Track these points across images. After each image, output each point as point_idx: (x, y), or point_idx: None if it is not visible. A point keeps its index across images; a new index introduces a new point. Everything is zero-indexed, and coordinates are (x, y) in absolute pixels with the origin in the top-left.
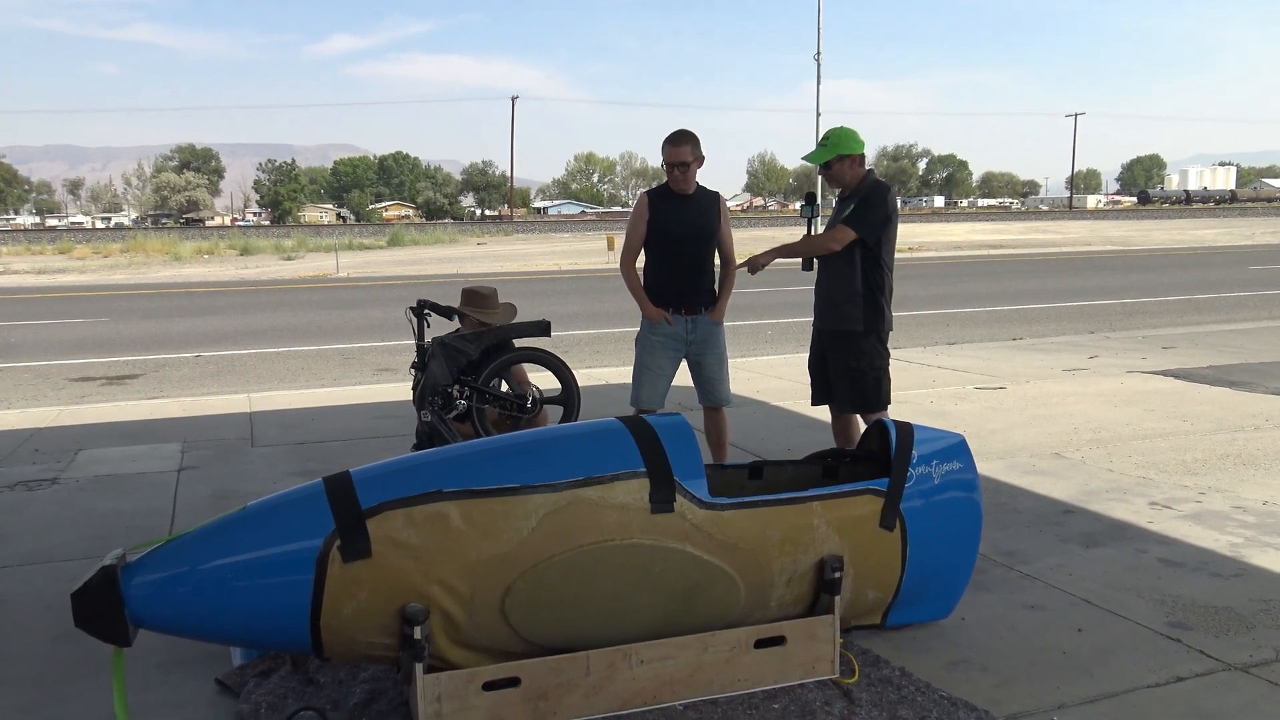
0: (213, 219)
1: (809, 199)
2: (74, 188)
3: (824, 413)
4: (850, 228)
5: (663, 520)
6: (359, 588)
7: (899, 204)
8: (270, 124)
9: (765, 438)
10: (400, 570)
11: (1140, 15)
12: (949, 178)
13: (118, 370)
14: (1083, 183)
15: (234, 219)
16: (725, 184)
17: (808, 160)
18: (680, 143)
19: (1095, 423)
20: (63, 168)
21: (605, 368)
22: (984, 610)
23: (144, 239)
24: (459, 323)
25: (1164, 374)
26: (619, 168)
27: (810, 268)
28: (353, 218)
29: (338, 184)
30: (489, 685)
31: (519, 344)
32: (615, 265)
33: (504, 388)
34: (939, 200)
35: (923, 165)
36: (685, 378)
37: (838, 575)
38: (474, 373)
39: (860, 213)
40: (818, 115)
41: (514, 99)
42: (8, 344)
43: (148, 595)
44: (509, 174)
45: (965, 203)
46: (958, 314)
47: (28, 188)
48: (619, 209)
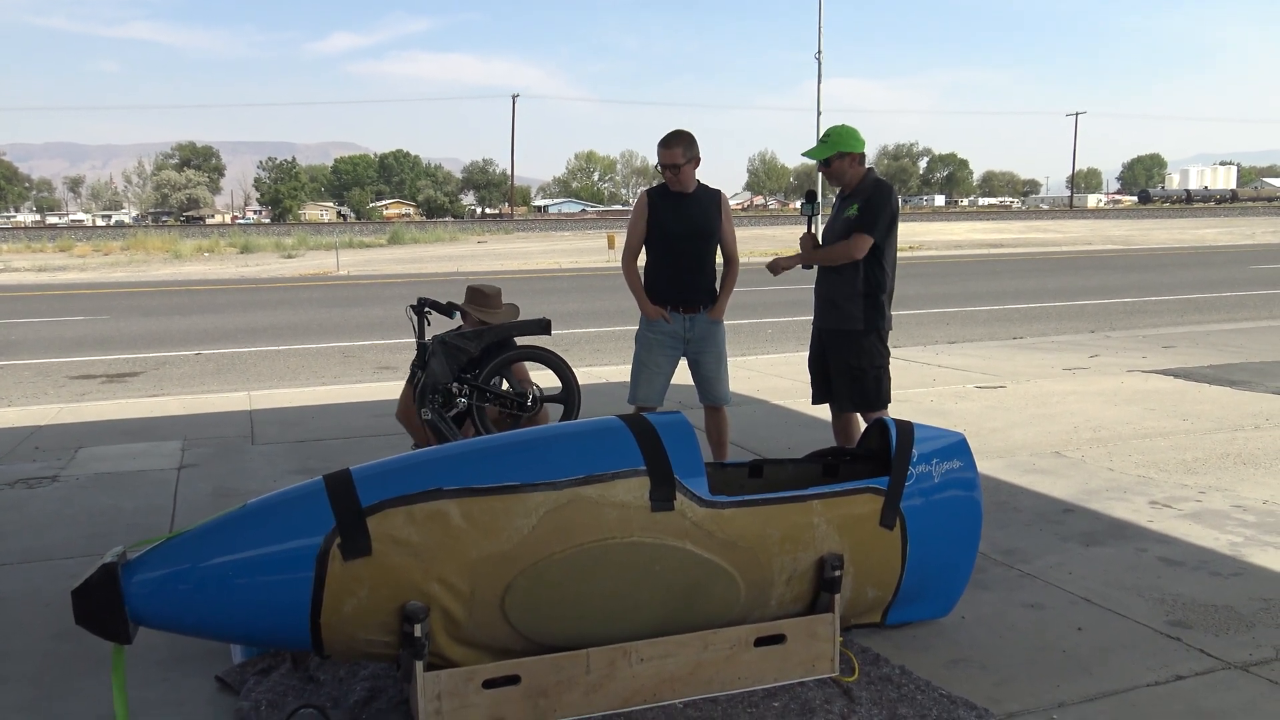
0: (213, 217)
1: (809, 197)
2: (74, 185)
3: (824, 411)
4: (866, 234)
5: (663, 518)
6: (359, 585)
7: (899, 203)
8: (271, 122)
9: (765, 436)
10: (400, 568)
11: (1141, 15)
12: (949, 177)
13: (118, 368)
14: (1083, 182)
15: (234, 217)
16: (726, 183)
17: (807, 156)
18: (672, 144)
19: (1095, 422)
20: (63, 165)
21: (605, 366)
22: (984, 609)
23: (144, 237)
24: (460, 320)
25: (1164, 373)
26: (619, 166)
27: (810, 266)
28: (353, 216)
29: (338, 182)
30: (489, 683)
31: (519, 342)
32: (615, 264)
33: (504, 386)
34: (939, 199)
35: (923, 164)
36: (686, 376)
37: (838, 573)
38: (474, 371)
39: (870, 216)
40: (818, 114)
41: (514, 97)
42: (8, 341)
43: (148, 593)
44: (509, 172)
45: (966, 202)
46: (958, 313)
47: (28, 185)
48: (619, 207)
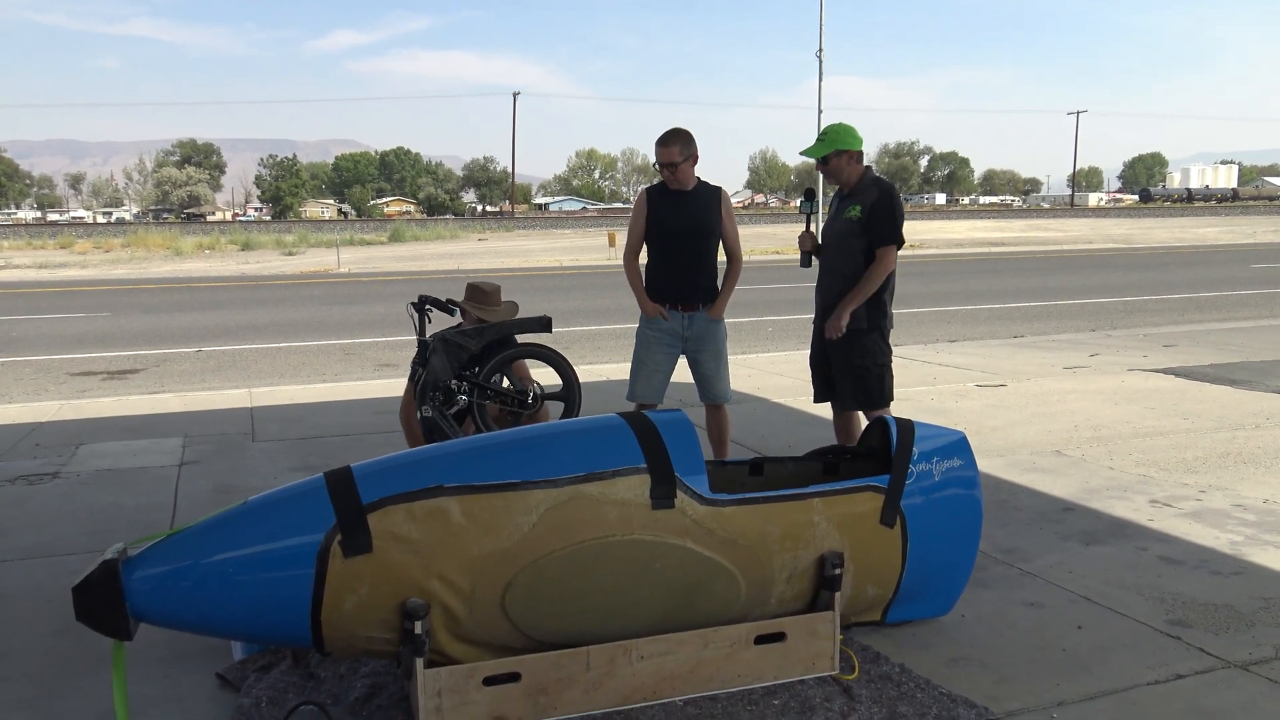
0: (214, 214)
1: (808, 195)
2: (75, 182)
3: (825, 410)
4: (891, 244)
5: (663, 516)
6: (360, 582)
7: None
8: (272, 119)
9: (766, 434)
10: (401, 565)
11: (1142, 13)
12: (950, 175)
13: (119, 365)
14: (1084, 180)
15: (235, 214)
16: (727, 181)
17: (805, 155)
18: (669, 143)
19: (1096, 420)
20: (64, 162)
21: (606, 364)
22: (984, 607)
23: (145, 234)
24: (460, 317)
25: (1165, 372)
26: (620, 164)
27: (809, 265)
28: (354, 213)
29: (339, 179)
30: (489, 680)
31: (520, 340)
32: (616, 261)
33: (505, 383)
34: (940, 198)
35: (924, 163)
36: (688, 374)
37: (838, 572)
38: (475, 368)
39: (889, 225)
40: (819, 112)
41: (516, 95)
42: (9, 338)
43: (149, 589)
44: (510, 170)
45: (967, 200)
46: (959, 311)
47: (29, 182)
48: (620, 205)
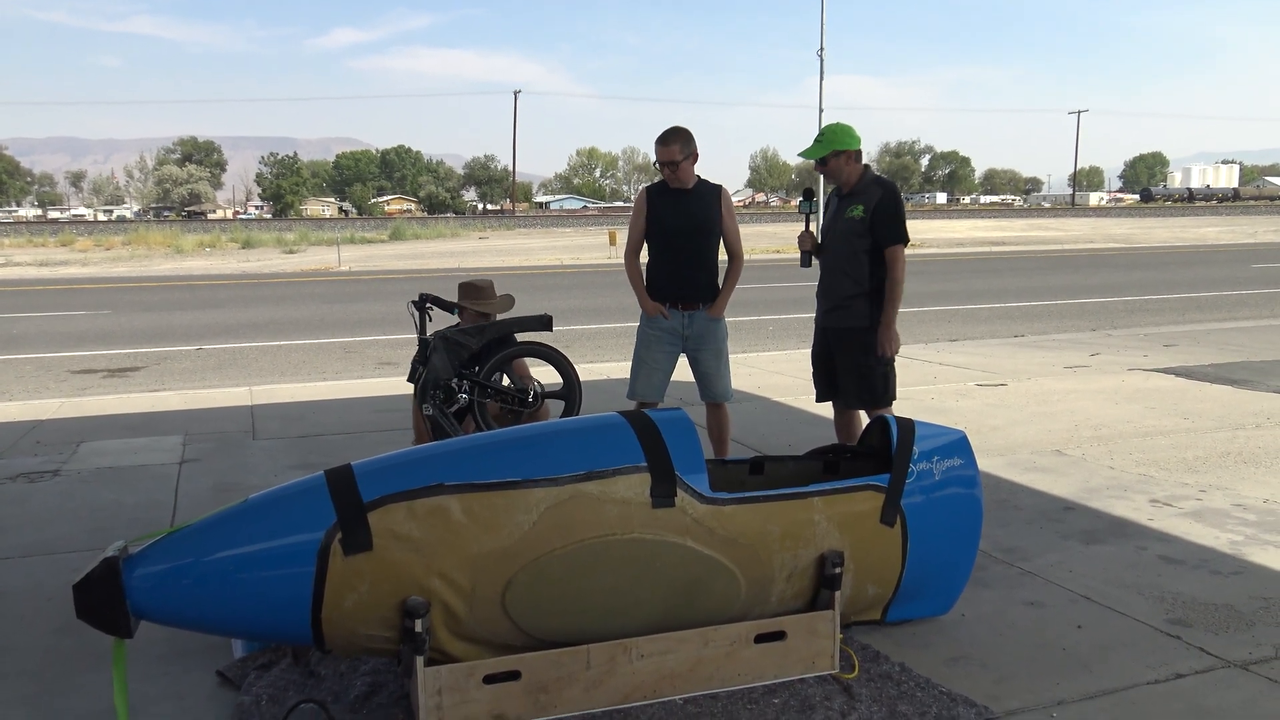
0: (214, 212)
1: (807, 194)
2: (76, 180)
3: (825, 409)
4: (898, 243)
5: (664, 515)
6: (360, 580)
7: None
8: (272, 117)
9: (766, 433)
10: (401, 563)
11: (1143, 13)
12: (951, 174)
13: (119, 363)
14: (1085, 180)
15: (236, 212)
16: (728, 180)
17: (803, 157)
18: (669, 141)
19: (1096, 420)
20: (65, 160)
21: (606, 362)
22: (984, 606)
23: (146, 231)
24: (459, 316)
25: (1165, 372)
26: (621, 163)
27: (809, 264)
28: (355, 211)
29: (340, 177)
30: (489, 678)
31: (520, 338)
32: (617, 260)
33: (506, 382)
34: (941, 197)
35: (925, 162)
36: (689, 372)
37: (838, 571)
38: (476, 367)
39: (894, 225)
40: (820, 111)
41: (516, 93)
42: (10, 336)
43: (149, 587)
44: (511, 168)
45: (968, 199)
46: (959, 310)
47: (30, 180)
48: (621, 204)
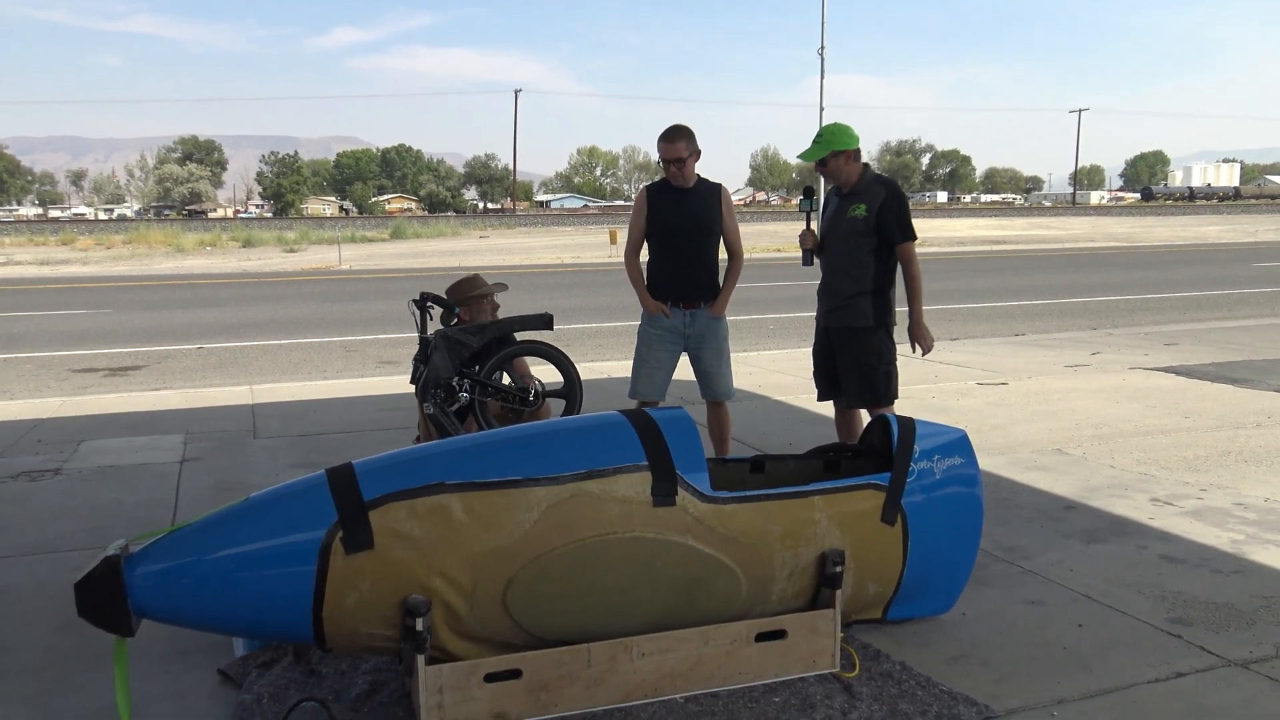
0: (215, 211)
1: (807, 193)
2: (77, 179)
3: (826, 408)
4: (908, 240)
5: (665, 514)
6: (361, 579)
7: None
8: (273, 116)
9: (767, 432)
10: (402, 562)
11: (1144, 12)
12: (952, 173)
13: (120, 361)
14: (1086, 179)
15: (236, 211)
16: (728, 179)
17: (802, 158)
18: (674, 139)
19: (1097, 419)
20: (65, 159)
21: (608, 361)
22: (985, 605)
23: (147, 230)
24: (459, 317)
25: (1166, 370)
26: (622, 162)
27: (811, 263)
28: (355, 210)
29: (340, 176)
30: (491, 677)
31: (521, 337)
32: (617, 259)
33: (506, 380)
34: (942, 196)
35: (926, 161)
36: (690, 371)
37: (839, 569)
38: (476, 365)
39: (902, 223)
40: (821, 110)
41: (517, 92)
42: (11, 335)
43: (151, 585)
44: (512, 167)
45: (968, 198)
46: (960, 309)
47: (30, 178)
48: (621, 203)
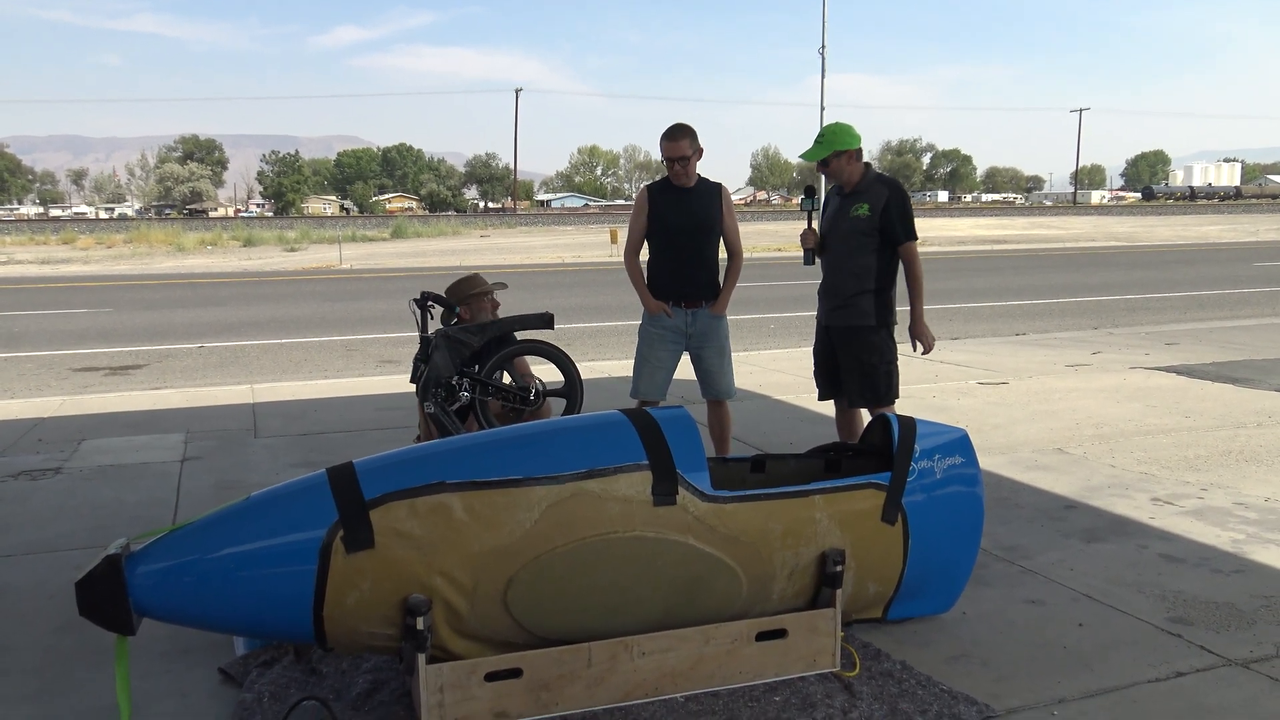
0: (216, 210)
1: (808, 192)
2: (78, 178)
3: (826, 407)
4: (914, 239)
5: (665, 513)
6: (362, 578)
7: None
8: (274, 115)
9: (768, 431)
10: (403, 561)
11: (1145, 11)
12: (953, 173)
13: (121, 361)
14: (1087, 178)
15: (237, 210)
16: (729, 178)
17: (804, 158)
18: (678, 137)
19: (1098, 418)
20: (66, 158)
21: (608, 360)
22: (985, 605)
23: (147, 229)
24: (460, 317)
25: (1167, 370)
26: (622, 161)
27: (812, 262)
28: (356, 210)
29: (341, 175)
30: (491, 676)
31: (522, 336)
32: (618, 258)
33: (507, 380)
34: (943, 195)
35: (927, 160)
36: (690, 370)
37: (839, 569)
38: (477, 365)
39: (904, 223)
40: (822, 109)
41: (518, 91)
42: (12, 334)
43: (152, 584)
44: (512, 166)
45: (969, 198)
46: (961, 309)
47: (31, 178)
48: (622, 202)
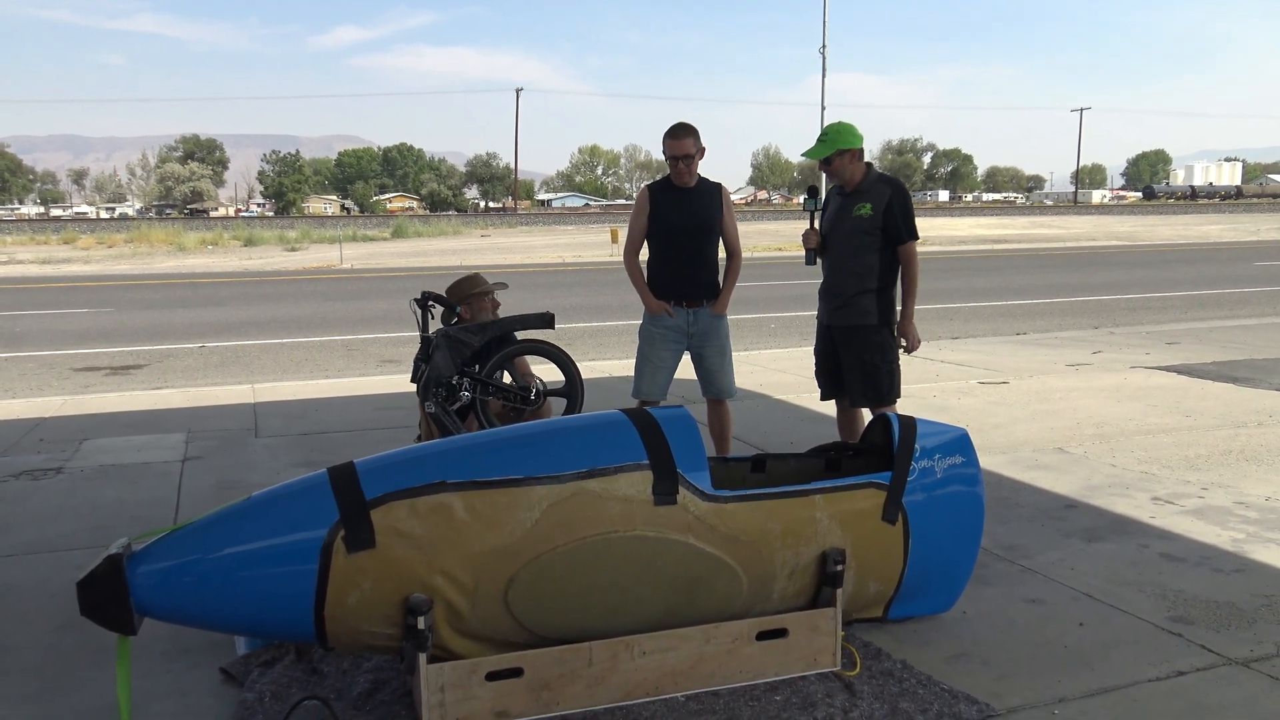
0: (217, 210)
1: (811, 192)
2: (78, 178)
3: (827, 406)
4: (914, 239)
5: (665, 512)
6: (363, 578)
7: None
8: (274, 115)
9: (768, 431)
10: (404, 561)
11: (1146, 10)
12: (954, 172)
13: (122, 360)
14: (1088, 178)
15: (238, 210)
16: (729, 177)
17: (807, 157)
18: (682, 135)
19: (1098, 418)
20: (67, 158)
21: (609, 360)
22: (985, 604)
23: (148, 229)
24: (460, 317)
25: (1167, 369)
26: (623, 160)
27: (815, 262)
28: (357, 209)
29: (342, 175)
30: (492, 675)
31: (522, 336)
32: (618, 258)
33: (507, 379)
34: (943, 195)
35: (927, 159)
36: (689, 370)
37: (840, 568)
38: (477, 364)
39: (905, 223)
40: (822, 109)
41: (518, 91)
42: (13, 334)
43: (153, 584)
44: (513, 166)
45: (970, 197)
46: (961, 308)
47: (32, 177)
48: (623, 201)
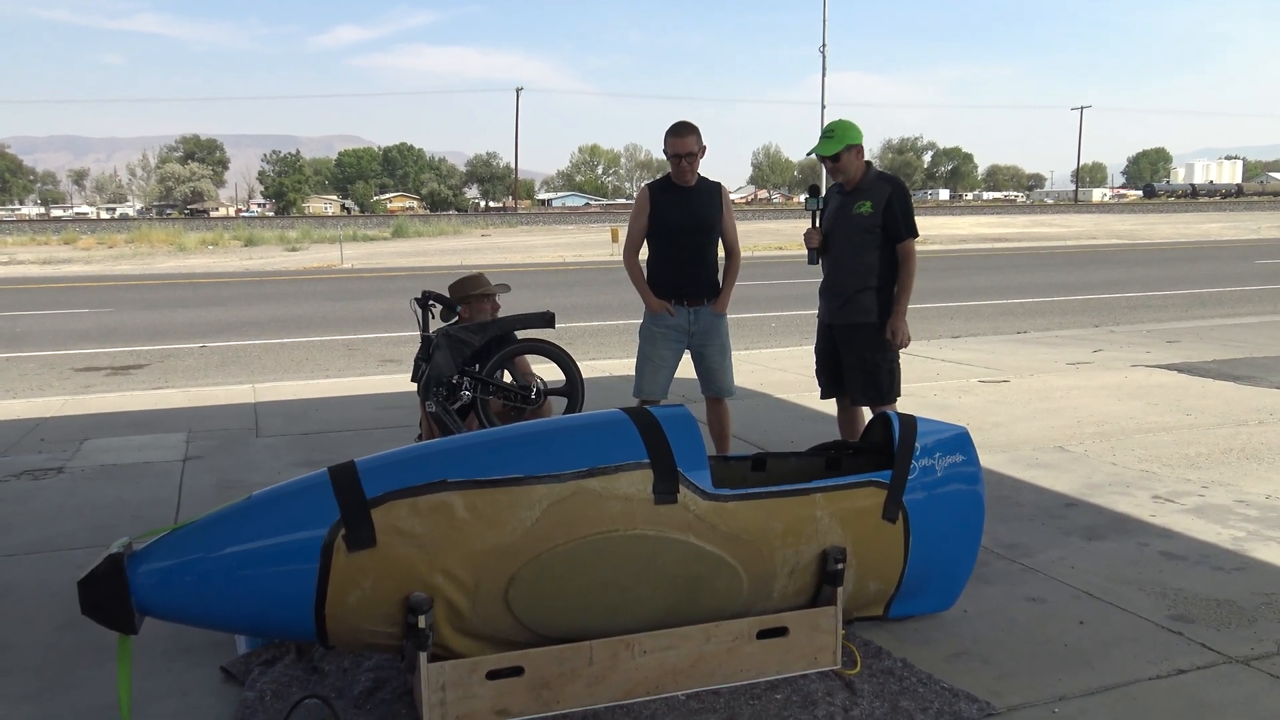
0: (217, 210)
1: (813, 191)
2: (79, 178)
3: (827, 405)
4: (913, 238)
5: (666, 511)
6: (363, 577)
7: None
8: (275, 115)
9: (768, 430)
10: (405, 560)
11: (1146, 9)
12: (954, 171)
13: (123, 360)
14: (1088, 176)
15: (238, 210)
16: (730, 177)
17: (816, 153)
18: (685, 133)
19: (1099, 416)
20: (67, 158)
21: (609, 359)
22: (986, 602)
23: (149, 229)
24: (460, 316)
25: (1168, 368)
26: (623, 160)
27: (817, 261)
28: (357, 209)
29: (342, 175)
30: (493, 674)
31: (523, 335)
32: (619, 257)
33: (508, 378)
34: (944, 193)
35: (928, 158)
36: (690, 369)
37: (840, 567)
38: (478, 364)
39: (905, 220)
40: (823, 108)
41: (518, 90)
42: (14, 334)
43: (154, 583)
44: (513, 166)
45: (970, 196)
46: (962, 307)
47: (32, 178)
48: (623, 201)
